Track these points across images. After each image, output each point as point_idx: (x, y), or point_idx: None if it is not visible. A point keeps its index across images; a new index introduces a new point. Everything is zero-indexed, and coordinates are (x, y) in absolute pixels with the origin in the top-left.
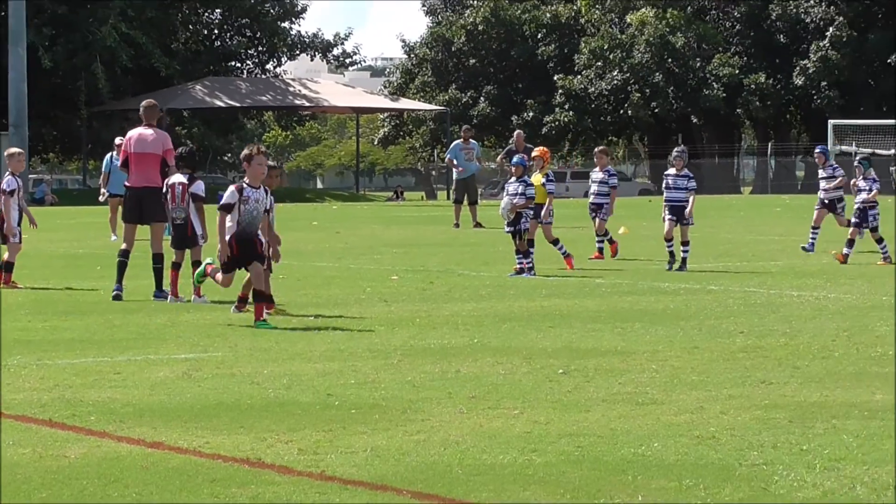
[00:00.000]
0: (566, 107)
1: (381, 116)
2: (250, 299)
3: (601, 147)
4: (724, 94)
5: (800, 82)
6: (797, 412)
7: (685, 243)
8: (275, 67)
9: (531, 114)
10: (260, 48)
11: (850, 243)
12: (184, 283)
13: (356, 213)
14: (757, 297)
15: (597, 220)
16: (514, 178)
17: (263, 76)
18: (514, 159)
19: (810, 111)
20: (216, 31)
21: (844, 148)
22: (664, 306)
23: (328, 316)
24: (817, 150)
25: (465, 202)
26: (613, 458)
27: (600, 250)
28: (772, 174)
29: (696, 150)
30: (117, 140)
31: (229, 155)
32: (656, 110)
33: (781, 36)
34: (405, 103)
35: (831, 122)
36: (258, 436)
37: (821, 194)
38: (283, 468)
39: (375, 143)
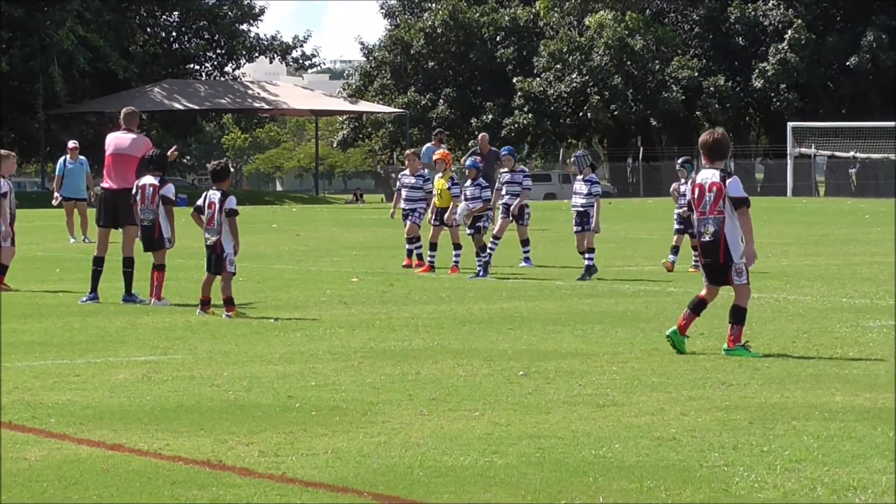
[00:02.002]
0: (525, 109)
1: (340, 119)
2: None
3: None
4: (684, 97)
5: (759, 85)
6: (757, 413)
7: (590, 250)
8: (233, 70)
9: (490, 116)
10: (218, 51)
11: (675, 250)
12: (142, 284)
13: (316, 216)
14: (717, 300)
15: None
16: (469, 182)
17: (222, 79)
18: (468, 162)
19: (769, 114)
20: (174, 34)
21: (804, 150)
22: (624, 308)
23: (288, 318)
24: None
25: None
26: (574, 459)
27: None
28: None
29: (656, 152)
30: (71, 143)
31: (188, 158)
32: (615, 113)
33: (740, 38)
34: (364, 106)
35: (790, 124)
36: (219, 438)
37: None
38: (243, 470)
39: (334, 145)
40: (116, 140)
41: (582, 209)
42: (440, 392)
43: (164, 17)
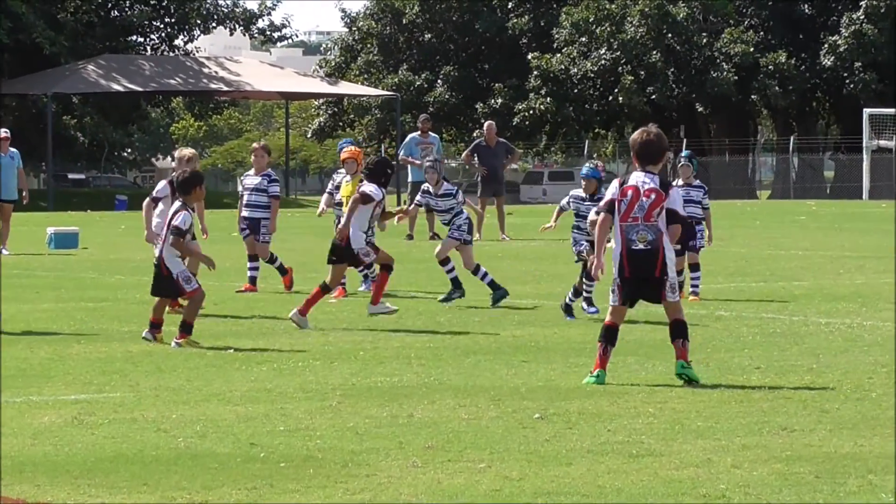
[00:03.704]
0: (543, 92)
1: (316, 103)
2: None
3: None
4: (737, 78)
5: (829, 63)
6: (825, 465)
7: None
8: (185, 43)
9: (500, 100)
10: (167, 20)
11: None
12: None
13: (286, 222)
14: (777, 324)
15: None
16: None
17: (172, 54)
18: (585, 171)
19: (842, 98)
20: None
21: (883, 143)
22: (663, 336)
23: (251, 349)
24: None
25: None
26: None
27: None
28: (794, 175)
29: (703, 145)
30: (2, 132)
31: (129, 150)
32: (653, 96)
33: (806, 6)
34: (345, 87)
35: (867, 111)
36: (165, 495)
37: None
38: None
39: (309, 136)
40: None
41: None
42: (438, 439)
43: None
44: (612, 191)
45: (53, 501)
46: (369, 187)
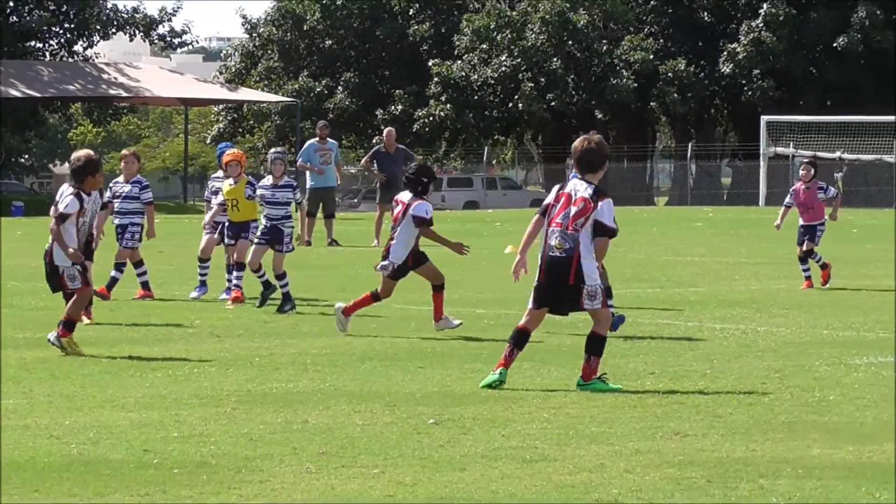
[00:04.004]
0: (443, 98)
1: (216, 109)
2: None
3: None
4: (636, 85)
5: (727, 70)
6: (717, 470)
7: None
8: (85, 49)
9: (400, 107)
10: (67, 25)
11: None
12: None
13: (183, 229)
14: (671, 330)
15: None
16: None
17: (71, 60)
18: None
19: (740, 105)
20: (10, 4)
21: (781, 150)
22: (559, 342)
23: (145, 357)
24: None
25: (320, 215)
26: None
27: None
28: (692, 181)
29: None
30: None
31: (27, 157)
32: (553, 103)
33: (706, 14)
34: (245, 93)
35: (765, 118)
36: (57, 501)
37: None
38: None
39: (208, 141)
40: None
41: None
42: (332, 445)
43: None
44: (549, 196)
45: None
46: (423, 208)
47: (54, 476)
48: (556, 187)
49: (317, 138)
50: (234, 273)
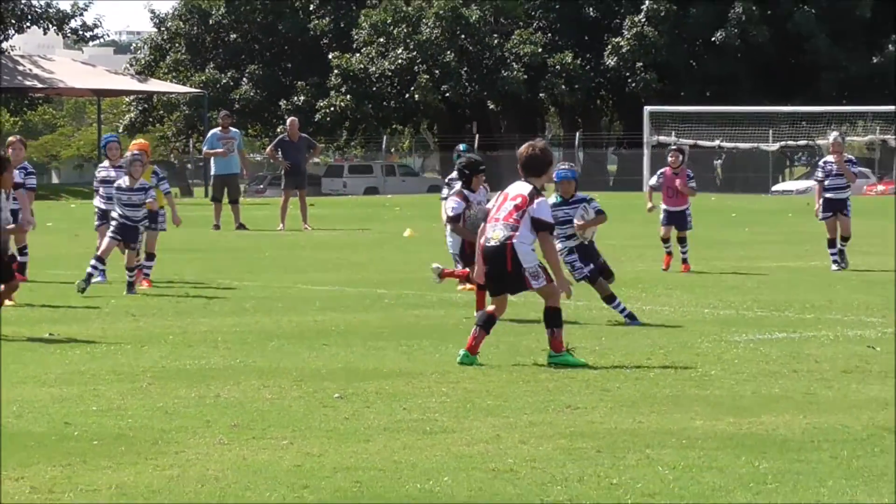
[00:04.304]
0: (343, 90)
1: (127, 100)
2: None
3: None
4: (526, 77)
5: (612, 63)
6: (606, 441)
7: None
8: (0, 42)
9: (303, 98)
10: None
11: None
12: None
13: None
14: (562, 309)
15: None
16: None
17: None
18: (561, 174)
19: (624, 96)
20: None
21: (663, 139)
22: (456, 321)
23: (65, 335)
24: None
25: (225, 201)
26: (397, 494)
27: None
28: (580, 168)
29: (494, 140)
30: None
31: None
32: (447, 94)
33: (591, 9)
34: (155, 85)
35: (648, 108)
36: None
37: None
38: None
39: (121, 130)
40: None
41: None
42: (243, 418)
43: None
44: (491, 202)
45: None
46: (451, 203)
47: None
48: (496, 194)
49: (219, 128)
50: (145, 262)
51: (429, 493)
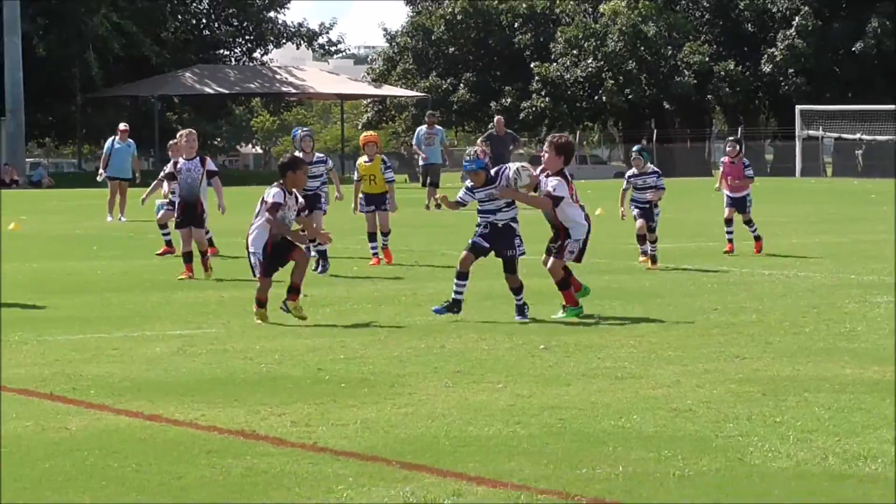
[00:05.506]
0: (543, 93)
1: (365, 102)
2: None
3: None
4: (695, 81)
5: (767, 69)
6: (770, 386)
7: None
8: (262, 56)
9: (509, 100)
10: (247, 37)
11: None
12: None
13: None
14: (729, 276)
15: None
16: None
17: (251, 64)
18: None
19: (778, 97)
20: (204, 21)
21: (812, 133)
22: (640, 285)
23: (317, 296)
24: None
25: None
26: (594, 430)
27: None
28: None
29: (669, 134)
30: (121, 125)
31: (219, 140)
32: (630, 97)
33: (749, 25)
34: (387, 90)
35: (798, 107)
36: (252, 409)
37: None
38: (276, 440)
39: (359, 127)
40: None
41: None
42: (464, 365)
43: (194, 4)
44: (563, 187)
45: (163, 414)
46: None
47: (248, 388)
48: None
49: (426, 125)
50: (381, 239)
51: (621, 429)
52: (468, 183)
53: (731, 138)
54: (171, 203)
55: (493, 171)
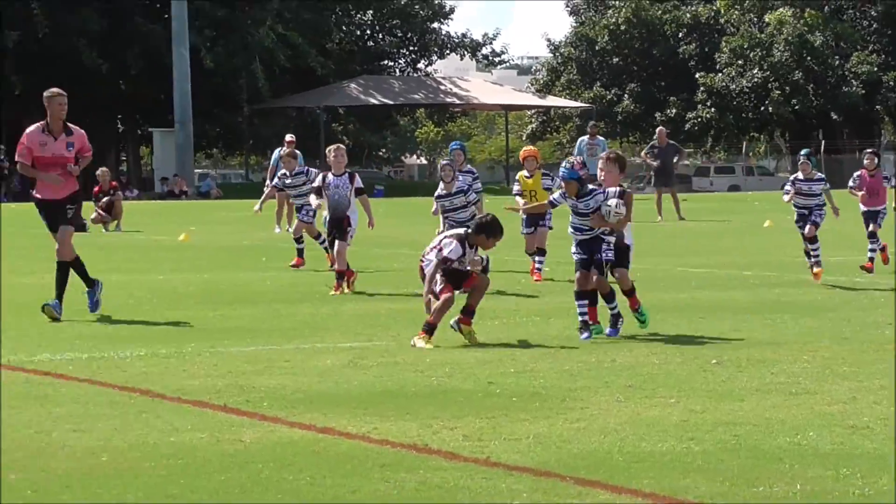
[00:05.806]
0: (708, 104)
1: (529, 113)
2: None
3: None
4: (864, 91)
5: None
6: None
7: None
8: (426, 66)
9: (674, 111)
10: (411, 48)
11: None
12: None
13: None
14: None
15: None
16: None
17: (415, 75)
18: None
19: None
20: (368, 32)
21: None
22: (811, 298)
23: (485, 307)
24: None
25: None
26: (770, 446)
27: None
28: None
29: (837, 145)
30: (288, 137)
31: (384, 150)
32: (796, 107)
33: None
34: (552, 100)
35: None
36: (424, 422)
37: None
38: (449, 454)
39: (524, 138)
40: None
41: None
42: (636, 379)
43: (359, 16)
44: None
45: (336, 427)
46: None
47: (420, 402)
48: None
49: (588, 136)
50: (537, 258)
51: (797, 446)
52: (563, 189)
53: (868, 150)
54: (307, 213)
55: (589, 186)
